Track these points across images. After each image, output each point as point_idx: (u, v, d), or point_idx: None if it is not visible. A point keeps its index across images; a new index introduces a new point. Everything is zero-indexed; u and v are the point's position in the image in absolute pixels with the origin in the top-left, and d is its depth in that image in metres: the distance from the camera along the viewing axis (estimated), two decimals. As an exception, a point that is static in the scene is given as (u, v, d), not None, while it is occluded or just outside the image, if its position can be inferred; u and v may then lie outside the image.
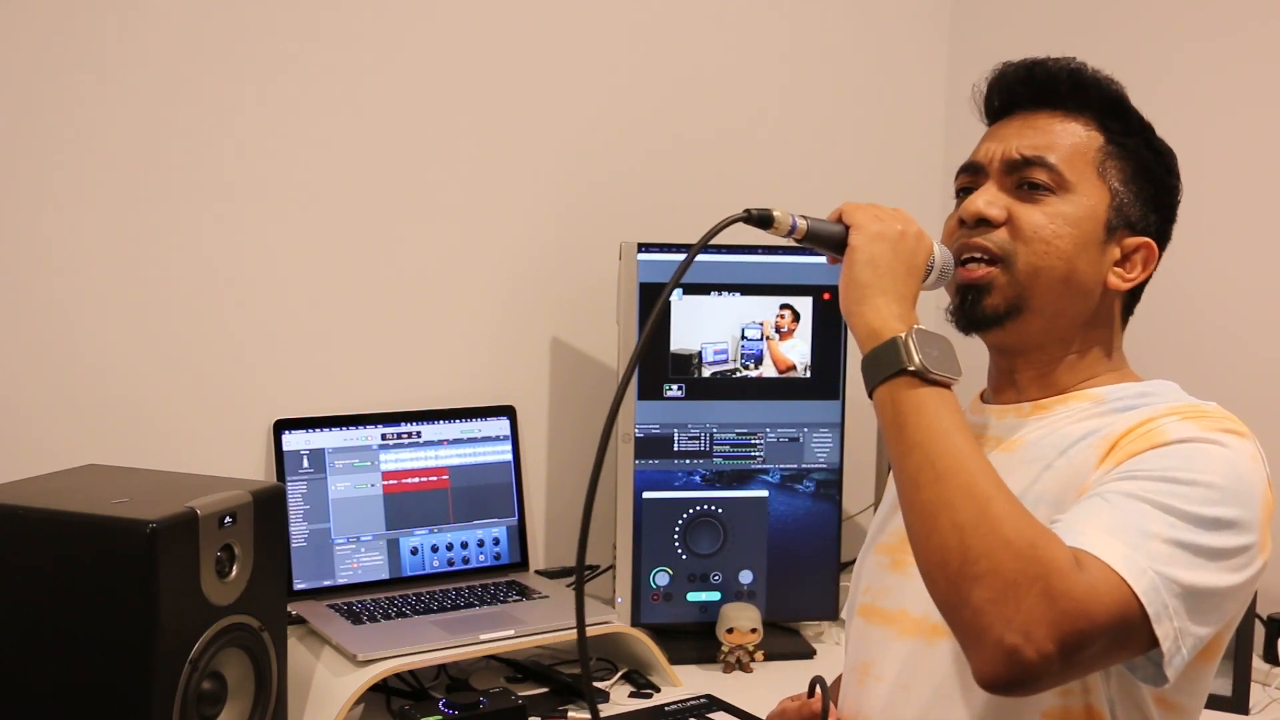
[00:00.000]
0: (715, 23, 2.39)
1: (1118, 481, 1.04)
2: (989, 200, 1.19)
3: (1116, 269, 1.20)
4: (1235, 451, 1.06)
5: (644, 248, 2.05)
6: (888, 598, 1.24)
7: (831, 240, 1.16)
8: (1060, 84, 1.22)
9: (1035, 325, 1.19)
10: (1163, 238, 1.24)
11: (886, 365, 1.07)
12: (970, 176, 1.24)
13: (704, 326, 2.09)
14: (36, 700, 1.41)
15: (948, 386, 1.07)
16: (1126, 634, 0.97)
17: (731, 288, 2.09)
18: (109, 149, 1.82)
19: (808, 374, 2.13)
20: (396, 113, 2.08)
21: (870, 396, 1.10)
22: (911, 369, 1.06)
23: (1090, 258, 1.18)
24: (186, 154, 1.89)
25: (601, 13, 2.27)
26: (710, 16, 2.38)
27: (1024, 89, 1.24)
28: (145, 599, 1.35)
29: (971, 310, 1.19)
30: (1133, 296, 1.25)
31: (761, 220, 1.14)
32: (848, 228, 1.15)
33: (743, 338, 2.11)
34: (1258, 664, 1.98)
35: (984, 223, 1.19)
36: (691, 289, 2.09)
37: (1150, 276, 1.23)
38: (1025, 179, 1.19)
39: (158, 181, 1.87)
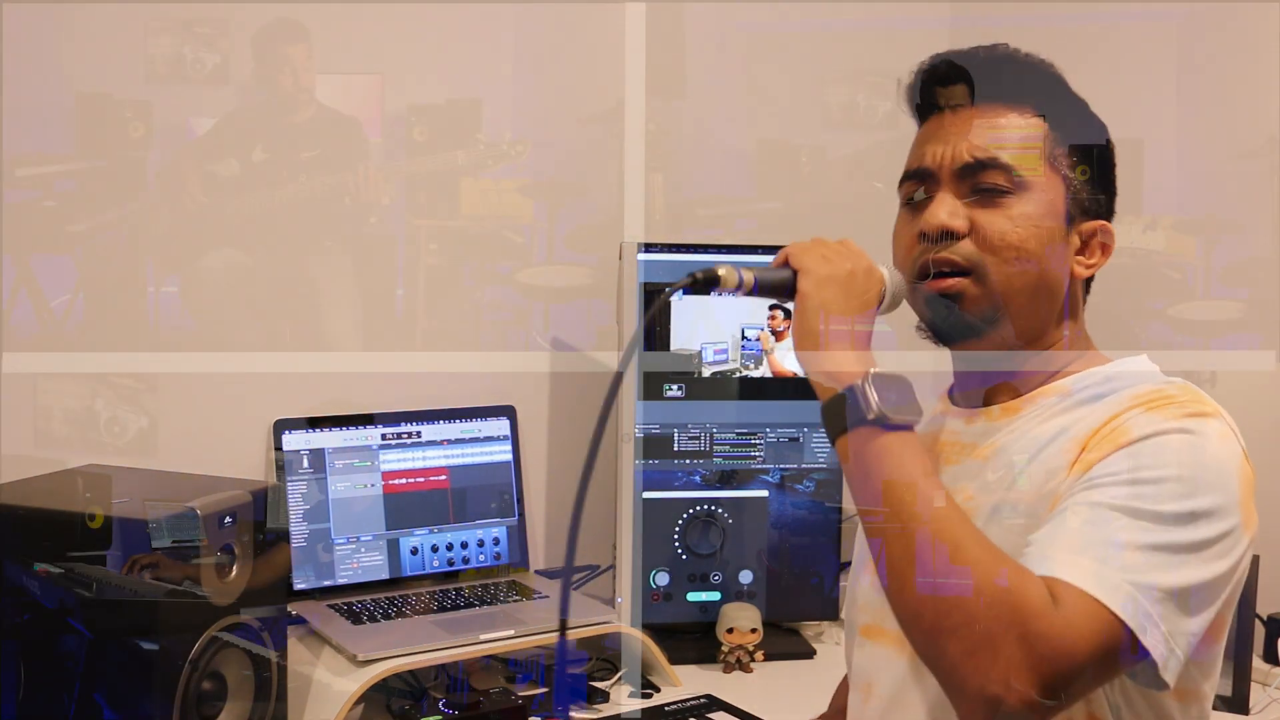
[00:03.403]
0: (715, 23, 2.39)
1: (1085, 491, 1.03)
2: (950, 211, 1.14)
3: (1079, 257, 1.17)
4: (1203, 437, 1.04)
5: (644, 248, 2.05)
6: (887, 618, 1.21)
7: (782, 287, 1.13)
8: (1001, 74, 1.17)
9: (1011, 331, 1.16)
10: (1112, 214, 1.20)
11: (846, 415, 1.05)
12: (917, 183, 1.18)
13: (704, 326, 2.09)
14: (36, 701, 1.41)
15: (910, 428, 1.05)
16: (1114, 655, 0.96)
17: (731, 288, 2.09)
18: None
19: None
20: (395, 112, 2.07)
21: (832, 445, 1.08)
22: (871, 418, 1.04)
23: (1057, 253, 1.15)
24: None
25: (602, 12, 2.26)
26: (711, 16, 2.38)
27: (958, 82, 1.18)
28: (145, 599, 1.35)
29: (948, 323, 1.16)
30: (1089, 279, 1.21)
31: (707, 281, 1.11)
32: (796, 272, 1.12)
33: (743, 338, 2.11)
34: (1258, 664, 1.97)
35: (948, 235, 1.15)
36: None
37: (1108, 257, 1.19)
38: (981, 183, 1.14)
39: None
